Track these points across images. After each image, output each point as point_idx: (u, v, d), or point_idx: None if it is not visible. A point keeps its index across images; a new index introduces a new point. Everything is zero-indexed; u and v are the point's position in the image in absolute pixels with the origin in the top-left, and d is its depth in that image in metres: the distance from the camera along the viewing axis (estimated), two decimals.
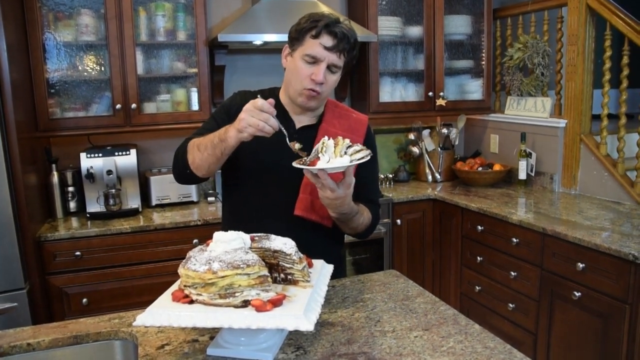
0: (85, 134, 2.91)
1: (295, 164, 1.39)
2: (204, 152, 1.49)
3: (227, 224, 1.67)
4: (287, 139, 1.45)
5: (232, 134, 1.41)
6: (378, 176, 1.79)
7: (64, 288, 2.57)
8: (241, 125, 1.37)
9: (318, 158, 1.36)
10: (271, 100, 1.40)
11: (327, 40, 1.50)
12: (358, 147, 1.40)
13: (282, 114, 1.64)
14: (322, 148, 1.37)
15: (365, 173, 1.63)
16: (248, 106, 1.38)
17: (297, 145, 1.46)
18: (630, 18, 2.74)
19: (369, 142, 1.68)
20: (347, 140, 1.39)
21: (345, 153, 1.36)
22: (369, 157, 1.39)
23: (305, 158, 1.41)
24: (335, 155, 1.36)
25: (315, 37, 1.51)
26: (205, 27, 2.95)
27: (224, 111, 1.65)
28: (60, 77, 2.79)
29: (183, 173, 1.58)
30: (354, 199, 1.54)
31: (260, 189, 1.62)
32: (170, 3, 2.93)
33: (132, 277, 2.66)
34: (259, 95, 1.41)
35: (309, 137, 1.58)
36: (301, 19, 1.56)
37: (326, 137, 1.39)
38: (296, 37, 1.55)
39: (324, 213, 1.56)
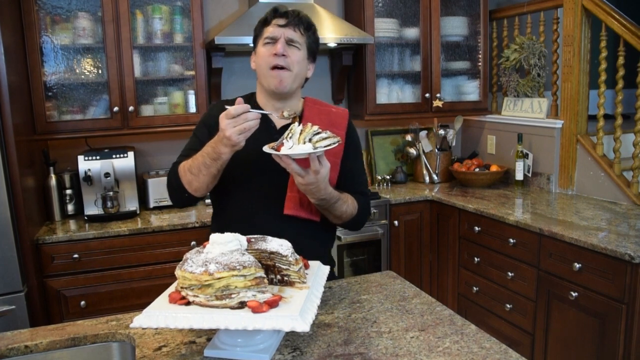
0: (82, 136, 2.91)
1: (265, 148, 1.41)
2: (198, 175, 1.51)
3: (216, 227, 1.65)
4: (271, 114, 1.49)
5: (225, 150, 1.42)
6: (363, 168, 1.79)
7: (62, 290, 2.57)
8: (233, 141, 1.38)
9: (282, 144, 1.38)
10: (239, 99, 1.43)
11: (278, 20, 1.59)
12: (325, 134, 1.39)
13: (262, 116, 1.64)
14: (287, 134, 1.38)
15: (349, 165, 1.66)
16: (223, 122, 1.39)
17: (285, 113, 1.47)
18: (625, 19, 2.75)
19: (350, 135, 1.71)
20: (315, 127, 1.39)
21: (310, 140, 1.36)
22: (336, 145, 1.40)
23: (275, 143, 1.42)
24: (299, 142, 1.36)
25: (269, 22, 1.60)
26: (202, 30, 2.95)
27: (203, 126, 1.67)
28: (58, 80, 2.79)
29: (181, 197, 1.60)
30: (342, 191, 1.58)
31: (250, 191, 1.63)
32: (167, 6, 2.94)
33: (130, 279, 2.67)
34: (226, 106, 1.42)
35: None
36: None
37: (295, 124, 1.40)
38: (256, 35, 1.64)
39: (312, 208, 1.58)
